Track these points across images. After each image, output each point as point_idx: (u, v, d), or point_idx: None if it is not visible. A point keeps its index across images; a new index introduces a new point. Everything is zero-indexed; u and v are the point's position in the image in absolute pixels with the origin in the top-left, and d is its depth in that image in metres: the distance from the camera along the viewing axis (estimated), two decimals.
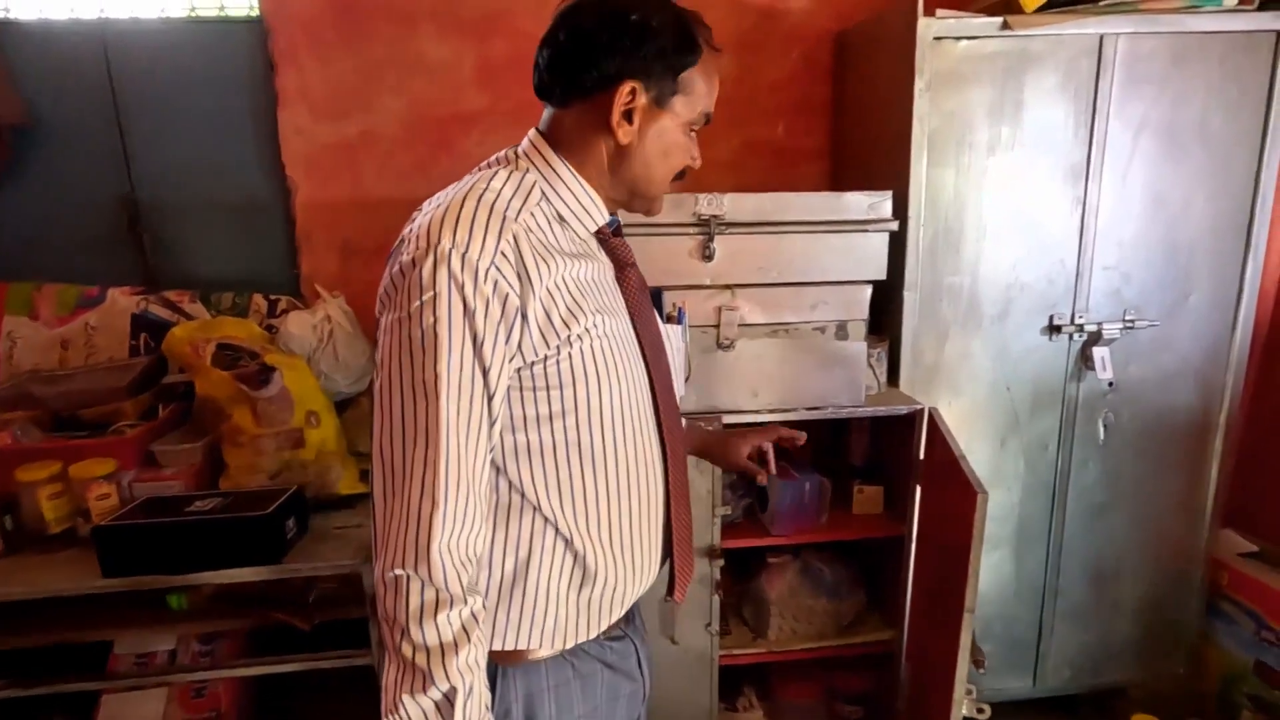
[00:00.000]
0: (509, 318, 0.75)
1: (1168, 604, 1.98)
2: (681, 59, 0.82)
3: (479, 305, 0.73)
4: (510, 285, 0.75)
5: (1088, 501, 1.89)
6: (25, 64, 1.81)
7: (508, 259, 0.75)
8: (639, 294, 0.91)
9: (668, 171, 0.87)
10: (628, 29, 0.80)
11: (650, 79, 0.81)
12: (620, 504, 0.87)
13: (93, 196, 1.90)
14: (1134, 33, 1.62)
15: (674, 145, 0.86)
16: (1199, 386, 1.84)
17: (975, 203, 1.69)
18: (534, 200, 0.82)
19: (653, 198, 0.89)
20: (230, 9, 1.89)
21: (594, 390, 0.82)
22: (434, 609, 0.73)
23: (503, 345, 0.76)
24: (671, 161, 0.87)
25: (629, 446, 0.86)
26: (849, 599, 1.83)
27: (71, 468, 1.45)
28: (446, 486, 0.73)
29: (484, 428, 0.76)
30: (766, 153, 2.06)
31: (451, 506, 0.73)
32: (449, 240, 0.74)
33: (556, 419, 0.81)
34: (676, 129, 0.85)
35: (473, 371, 0.74)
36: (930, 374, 1.77)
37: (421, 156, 1.94)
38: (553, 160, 0.85)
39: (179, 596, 1.55)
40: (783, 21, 1.98)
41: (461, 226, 0.75)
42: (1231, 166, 1.71)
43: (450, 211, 0.76)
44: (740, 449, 1.14)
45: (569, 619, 0.87)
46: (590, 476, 0.85)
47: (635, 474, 0.88)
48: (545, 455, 0.82)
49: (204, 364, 1.60)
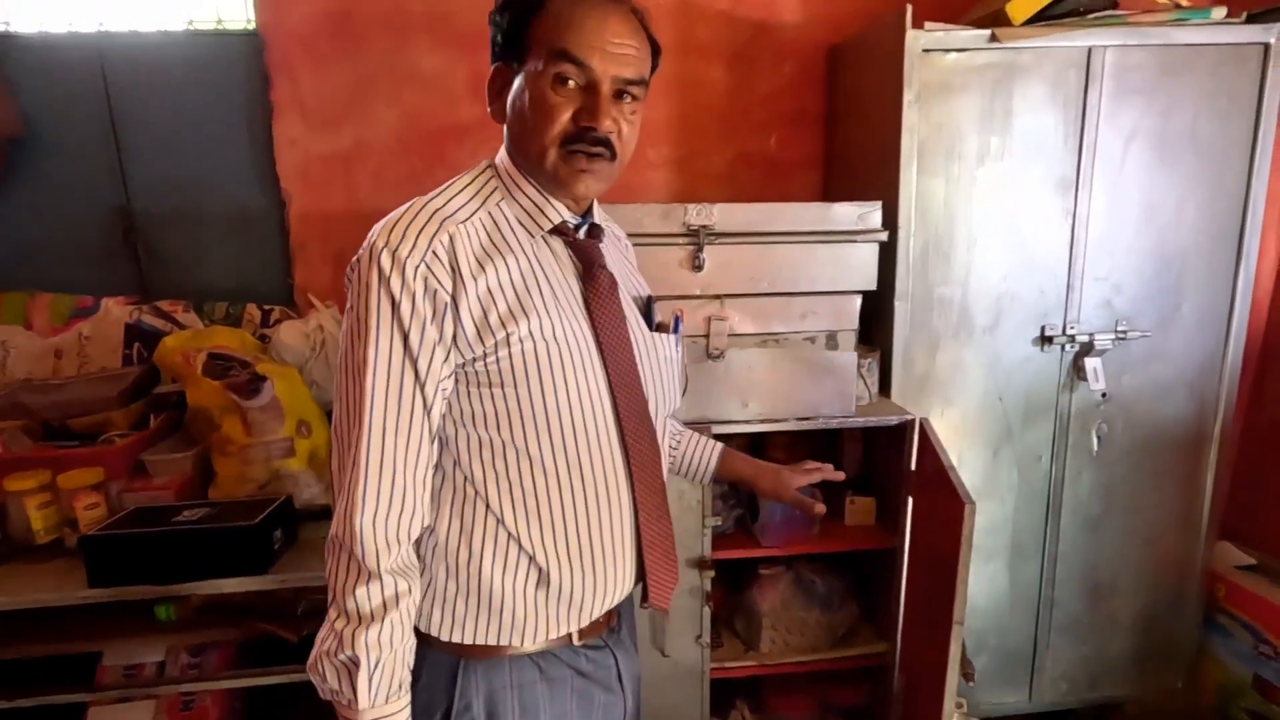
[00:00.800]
0: (439, 313, 0.79)
1: (1165, 617, 1.96)
2: (522, 14, 0.82)
3: (404, 300, 0.77)
4: (440, 282, 0.78)
5: (1082, 513, 1.88)
6: (23, 76, 1.83)
7: (438, 258, 0.79)
8: (606, 296, 0.89)
9: (541, 133, 0.81)
10: (491, 23, 0.86)
11: (507, 54, 0.84)
12: (574, 514, 0.87)
13: (88, 207, 1.91)
14: (1122, 45, 1.63)
15: (533, 102, 0.81)
16: (1193, 397, 1.84)
17: (965, 213, 1.70)
18: (492, 202, 0.86)
19: (548, 168, 0.83)
20: (227, 22, 1.91)
21: (534, 392, 0.82)
22: (355, 580, 0.79)
23: (434, 340, 0.79)
24: (536, 116, 0.81)
25: (580, 453, 0.86)
26: (842, 611, 1.82)
27: (60, 477, 1.44)
28: (368, 465, 0.78)
29: (415, 415, 0.79)
30: (760, 164, 2.06)
31: (375, 485, 0.78)
32: (383, 240, 0.78)
33: (502, 418, 0.83)
34: (535, 85, 0.81)
35: (402, 361, 0.78)
36: (922, 384, 1.77)
37: (415, 167, 1.95)
38: (506, 163, 0.89)
39: (167, 607, 1.54)
40: (775, 35, 1.99)
41: (398, 228, 0.79)
42: (1222, 177, 1.71)
43: (394, 215, 0.81)
44: (790, 483, 1.15)
45: (529, 618, 0.87)
46: (540, 481, 0.85)
47: (589, 481, 0.87)
48: (494, 454, 0.84)
49: (195, 373, 1.60)
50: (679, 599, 1.62)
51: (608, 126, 0.81)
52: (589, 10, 0.79)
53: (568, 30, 0.79)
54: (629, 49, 0.81)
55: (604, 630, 0.95)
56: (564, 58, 0.79)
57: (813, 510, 1.16)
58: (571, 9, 0.79)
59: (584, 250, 0.90)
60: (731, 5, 1.96)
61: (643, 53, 0.83)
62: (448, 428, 0.84)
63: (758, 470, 1.18)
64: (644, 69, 0.83)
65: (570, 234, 0.89)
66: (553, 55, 0.79)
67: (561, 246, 0.89)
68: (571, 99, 0.80)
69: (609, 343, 0.88)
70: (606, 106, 0.80)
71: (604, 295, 0.89)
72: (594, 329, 0.87)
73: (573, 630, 0.90)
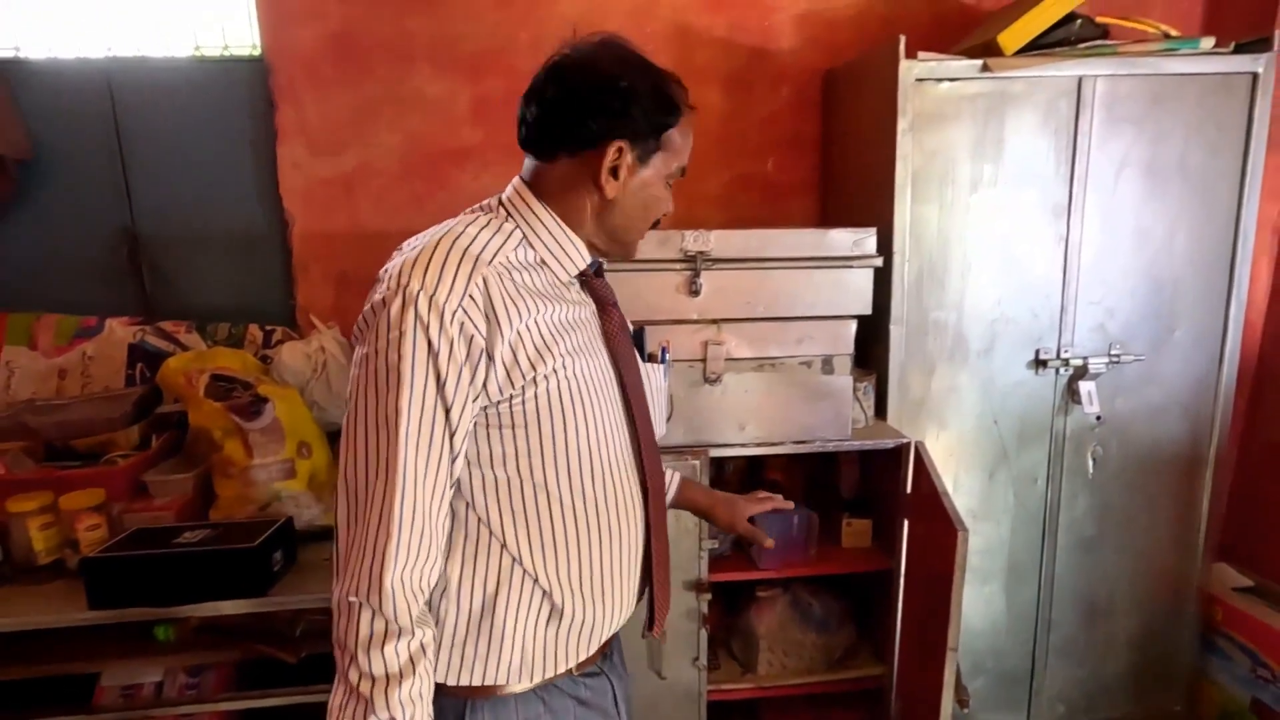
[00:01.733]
0: (474, 358, 0.78)
1: (1162, 639, 1.96)
2: (663, 119, 0.87)
3: (443, 346, 0.76)
4: (476, 327, 0.78)
5: (1078, 535, 1.89)
6: (33, 100, 1.86)
7: (475, 301, 0.78)
8: (620, 334, 0.93)
9: (647, 222, 0.93)
10: (616, 93, 0.84)
11: (635, 139, 0.86)
12: (590, 544, 0.88)
13: (94, 229, 1.94)
14: (1112, 75, 1.65)
15: (653, 198, 0.91)
16: (1187, 420, 1.85)
17: (959, 238, 1.72)
18: (512, 245, 0.85)
19: (631, 244, 0.94)
20: (234, 48, 1.94)
21: (558, 430, 0.83)
22: (382, 639, 0.76)
23: (467, 384, 0.78)
24: (650, 213, 0.92)
25: (601, 487, 0.87)
26: (839, 633, 1.82)
27: (62, 498, 1.46)
28: (401, 520, 0.76)
29: (443, 464, 0.79)
30: (757, 187, 2.09)
31: (406, 539, 0.76)
32: (418, 283, 0.77)
33: (522, 457, 0.83)
34: (657, 183, 0.90)
35: (434, 409, 0.77)
36: (917, 407, 1.78)
37: (417, 190, 1.98)
38: (535, 208, 0.88)
39: (166, 628, 1.55)
40: (772, 60, 2.02)
41: (432, 269, 0.78)
42: (1212, 203, 1.74)
43: (423, 255, 0.79)
44: (743, 513, 1.17)
45: (538, 654, 0.88)
46: (556, 515, 0.86)
47: (608, 515, 0.88)
48: (512, 492, 0.84)
49: (197, 395, 1.61)
50: (676, 621, 1.63)
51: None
52: (690, 125, 0.92)
53: (684, 146, 0.91)
54: None
55: (600, 658, 0.96)
56: (682, 172, 0.93)
57: (763, 543, 1.17)
58: (687, 126, 0.91)
59: (597, 289, 0.93)
60: (729, 31, 2.00)
61: None
62: (461, 470, 0.83)
63: (713, 501, 1.20)
64: None
65: (587, 274, 0.92)
66: (678, 170, 0.92)
67: (577, 287, 0.92)
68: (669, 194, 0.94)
69: (629, 378, 0.92)
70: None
71: (618, 332, 0.93)
72: (615, 365, 0.91)
73: (578, 660, 0.91)
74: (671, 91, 0.88)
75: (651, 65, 0.88)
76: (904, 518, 1.66)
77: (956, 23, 1.98)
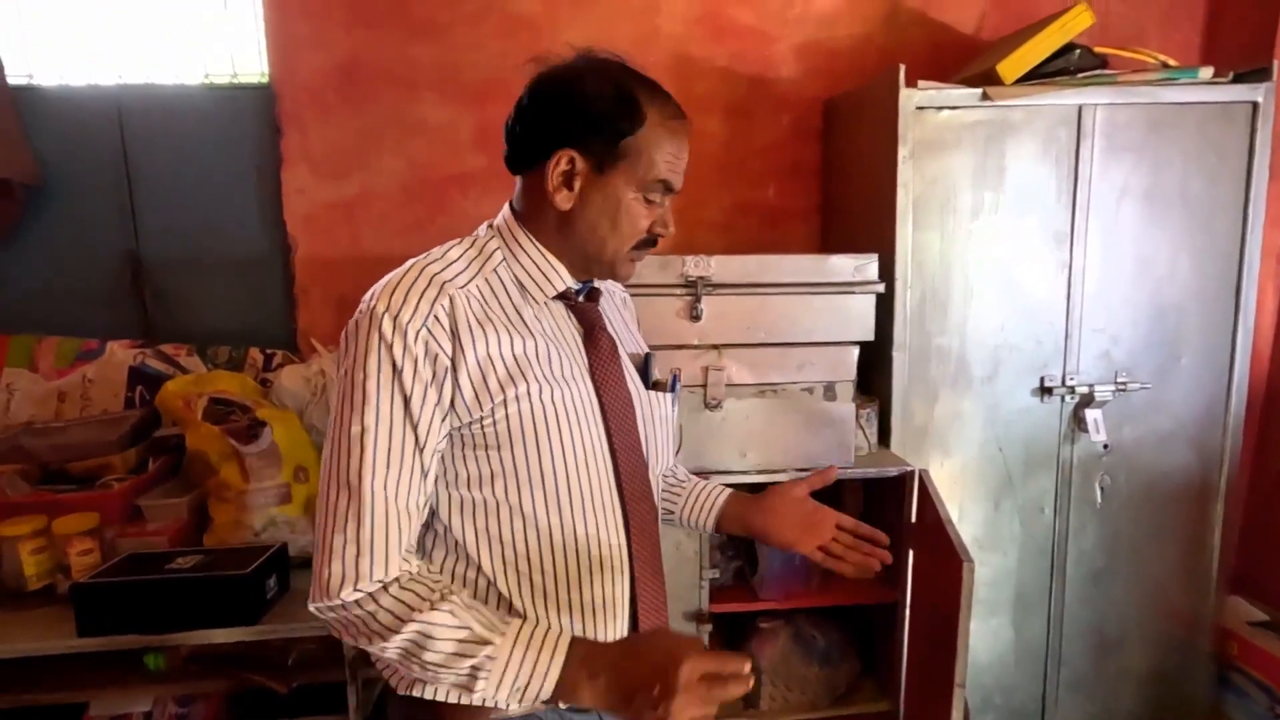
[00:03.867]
0: (439, 377, 0.79)
1: (1176, 674, 1.91)
2: (619, 126, 0.83)
3: (407, 364, 0.77)
4: (441, 347, 0.79)
5: (1087, 566, 1.85)
6: (43, 127, 1.88)
7: (440, 322, 0.79)
8: (608, 359, 0.91)
9: (620, 238, 0.87)
10: (560, 99, 0.85)
11: (586, 148, 0.83)
12: (569, 573, 0.86)
13: (99, 252, 1.95)
14: (1111, 103, 1.66)
15: (622, 212, 0.85)
16: (1196, 449, 1.82)
17: (961, 265, 1.71)
18: (490, 266, 0.86)
19: (609, 263, 0.89)
20: (242, 76, 1.97)
21: (530, 455, 0.82)
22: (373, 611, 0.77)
23: (434, 404, 0.79)
24: (622, 227, 0.86)
25: (579, 513, 0.86)
26: (843, 667, 1.78)
27: (55, 522, 1.44)
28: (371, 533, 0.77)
29: (414, 480, 0.79)
30: (757, 213, 2.10)
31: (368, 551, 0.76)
32: (384, 304, 0.78)
33: (497, 479, 0.83)
34: (625, 196, 0.85)
35: (403, 425, 0.78)
36: (921, 435, 1.76)
37: (419, 215, 1.99)
38: (514, 228, 0.89)
39: (156, 656, 1.52)
40: (772, 88, 2.04)
41: (398, 292, 0.79)
42: (1215, 231, 1.73)
43: (393, 279, 0.81)
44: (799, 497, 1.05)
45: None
46: (532, 541, 0.84)
47: (587, 544, 0.86)
48: (489, 516, 0.84)
49: (195, 418, 1.61)
50: None
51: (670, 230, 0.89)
52: (678, 139, 0.86)
53: (666, 159, 0.85)
54: (686, 162, 0.88)
55: None
56: (664, 188, 0.86)
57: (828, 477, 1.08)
58: (668, 136, 0.85)
59: (584, 313, 0.92)
60: (730, 61, 2.02)
61: None
62: (438, 491, 0.84)
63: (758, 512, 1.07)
64: None
65: (571, 298, 0.91)
66: (654, 183, 0.85)
67: (562, 310, 0.91)
68: (653, 212, 0.88)
69: (611, 405, 0.89)
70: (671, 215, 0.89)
71: (605, 358, 0.91)
72: (597, 391, 0.88)
73: None
74: (637, 98, 0.84)
75: (622, 74, 0.86)
76: (908, 548, 1.63)
77: (955, 53, 2.00)
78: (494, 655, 0.76)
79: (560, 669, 0.76)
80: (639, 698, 0.72)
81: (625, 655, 0.77)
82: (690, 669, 0.71)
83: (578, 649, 0.78)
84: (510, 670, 0.76)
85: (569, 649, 0.77)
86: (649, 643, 0.79)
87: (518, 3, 1.93)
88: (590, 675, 0.76)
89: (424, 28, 1.92)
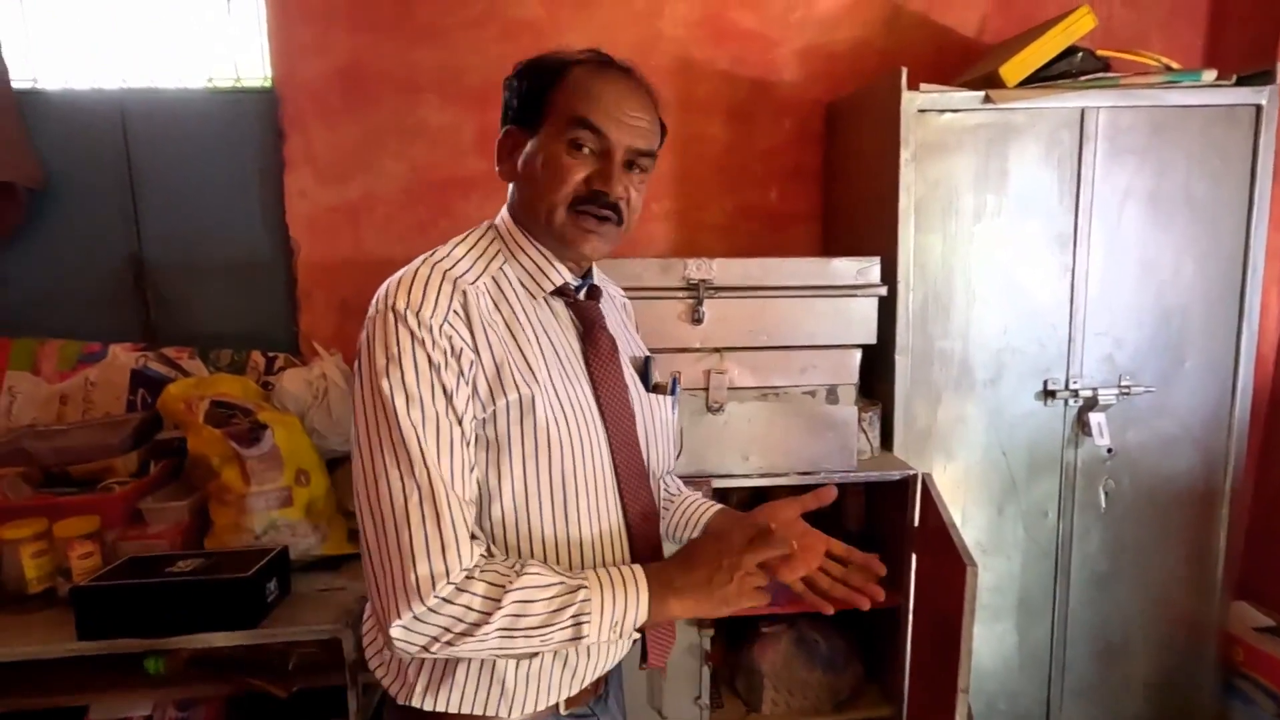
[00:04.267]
0: (467, 372, 0.79)
1: (1181, 681, 1.90)
2: (539, 86, 0.85)
3: (439, 359, 0.77)
4: (465, 341, 0.79)
5: (1091, 571, 1.84)
6: (47, 130, 1.89)
7: (459, 316, 0.80)
8: (607, 358, 0.90)
9: (552, 190, 0.84)
10: (505, 92, 0.89)
11: (520, 119, 0.87)
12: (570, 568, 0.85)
13: (101, 256, 1.95)
14: (1114, 106, 1.66)
15: (547, 163, 0.84)
16: (1201, 453, 1.81)
17: (964, 268, 1.71)
18: (496, 265, 0.87)
19: (557, 227, 0.85)
20: (245, 80, 1.98)
21: (529, 454, 0.82)
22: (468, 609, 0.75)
23: (467, 395, 0.79)
24: (552, 179, 0.84)
25: (580, 514, 0.85)
26: (846, 671, 1.77)
27: (56, 526, 1.44)
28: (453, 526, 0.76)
29: (466, 470, 0.79)
30: (759, 217, 2.09)
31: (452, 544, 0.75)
32: (403, 301, 0.78)
33: (505, 478, 0.82)
34: (551, 148, 0.84)
35: (449, 419, 0.77)
36: (924, 438, 1.76)
37: (421, 218, 1.99)
38: (511, 227, 0.90)
39: (156, 660, 1.52)
40: (774, 92, 2.04)
41: (415, 289, 0.79)
42: (1219, 233, 1.73)
43: (405, 277, 0.81)
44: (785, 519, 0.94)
45: (518, 686, 0.85)
46: (537, 541, 0.84)
47: (588, 543, 0.86)
48: (492, 513, 0.83)
49: (197, 421, 1.60)
50: (677, 657, 1.58)
51: (619, 192, 0.84)
52: (608, 84, 0.84)
53: (588, 99, 0.83)
54: (643, 122, 0.85)
55: (591, 698, 0.92)
56: (583, 125, 0.82)
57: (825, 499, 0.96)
58: (592, 81, 0.84)
59: (584, 311, 0.91)
60: (731, 65, 2.02)
61: (654, 128, 0.88)
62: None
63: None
64: (654, 142, 0.88)
65: (571, 295, 0.91)
66: (572, 122, 0.82)
67: (563, 308, 0.91)
68: (585, 163, 0.84)
69: (609, 404, 0.89)
70: (619, 173, 0.84)
71: (605, 357, 0.90)
72: (595, 390, 0.88)
73: (560, 699, 0.88)
74: (559, 58, 0.86)
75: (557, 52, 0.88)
76: (912, 552, 1.62)
77: (956, 57, 2.00)
78: (589, 598, 0.78)
79: (648, 592, 0.80)
80: (716, 578, 0.81)
81: (686, 560, 0.84)
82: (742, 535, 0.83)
83: (651, 571, 0.82)
84: (607, 608, 0.79)
85: (646, 574, 0.81)
86: (697, 544, 0.87)
87: (519, 7, 1.94)
88: (668, 587, 0.81)
89: (426, 32, 1.92)
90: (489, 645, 0.77)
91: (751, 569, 0.81)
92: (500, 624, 0.75)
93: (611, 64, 0.86)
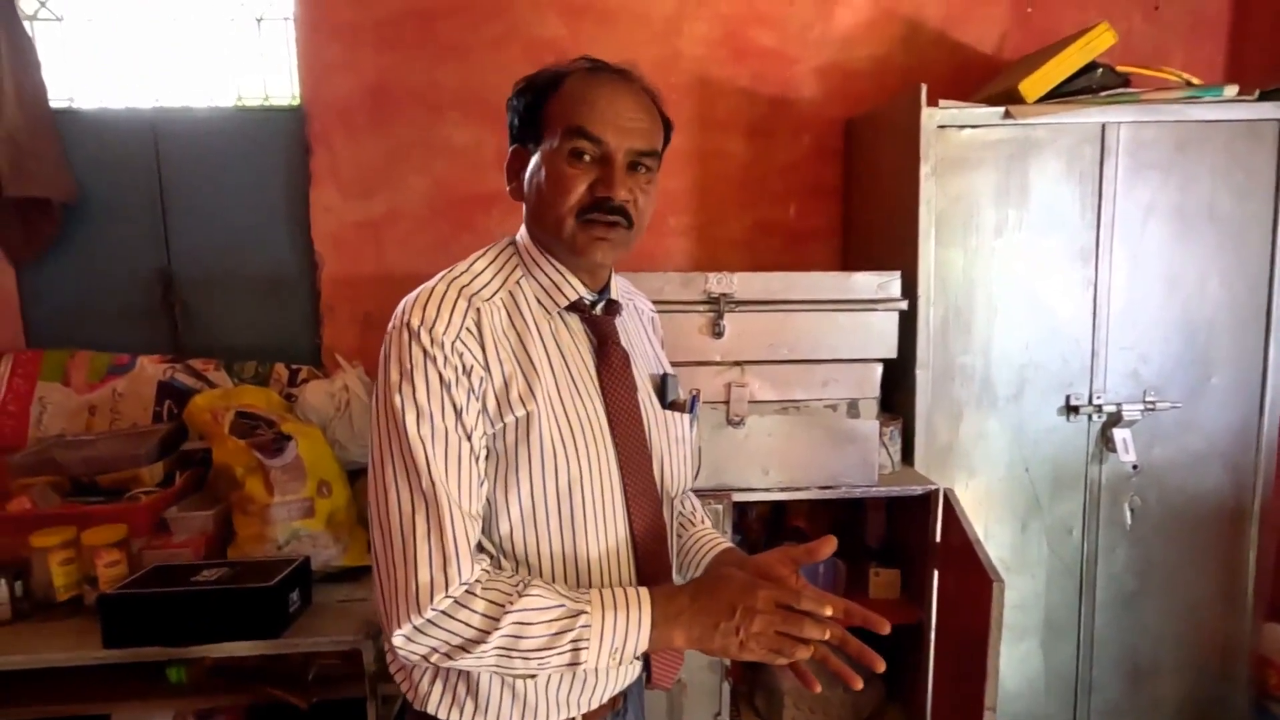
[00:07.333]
0: (477, 388, 0.80)
1: (1211, 704, 1.86)
2: (537, 100, 0.86)
3: (451, 376, 0.78)
4: (476, 358, 0.80)
5: (1117, 589, 1.81)
6: (81, 147, 1.94)
7: (472, 334, 0.81)
8: (619, 372, 0.90)
9: (557, 201, 0.84)
10: (509, 110, 0.90)
11: (524, 137, 0.88)
12: (578, 582, 0.85)
13: (131, 269, 1.99)
14: (1136, 121, 1.66)
15: (550, 176, 0.84)
16: (1228, 470, 1.78)
17: (985, 283, 1.70)
18: (513, 280, 0.88)
19: (565, 238, 0.85)
20: (274, 99, 2.02)
21: (535, 468, 0.82)
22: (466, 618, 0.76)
23: (477, 411, 0.80)
24: (556, 189, 0.84)
25: (587, 530, 0.85)
26: (867, 689, 1.73)
27: (84, 534, 1.46)
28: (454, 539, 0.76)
29: (474, 485, 0.79)
30: (778, 232, 2.10)
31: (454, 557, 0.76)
32: (418, 318, 0.79)
33: (513, 495, 0.82)
34: (553, 160, 0.84)
35: (458, 435, 0.78)
36: (945, 454, 1.74)
37: (443, 233, 2.02)
38: (529, 244, 0.91)
39: (178, 669, 1.53)
40: (793, 109, 2.06)
41: (430, 306, 0.80)
42: (1244, 248, 1.71)
43: (423, 294, 0.82)
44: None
45: (532, 700, 0.85)
46: (545, 554, 0.84)
47: (594, 559, 0.86)
48: (500, 527, 0.83)
49: (222, 432, 1.63)
50: (697, 673, 1.57)
51: (623, 196, 0.83)
52: (601, 89, 0.84)
53: (582, 107, 0.83)
54: (640, 123, 0.84)
55: (609, 713, 0.92)
56: (580, 134, 0.82)
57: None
58: (585, 88, 0.84)
59: (599, 326, 0.91)
60: (751, 82, 2.04)
61: (654, 127, 0.87)
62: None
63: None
64: (655, 141, 0.87)
65: (587, 310, 0.91)
66: (569, 132, 0.82)
67: (578, 323, 0.91)
68: (587, 172, 0.83)
69: (619, 419, 0.88)
70: (621, 177, 0.83)
71: (617, 372, 0.90)
72: (606, 405, 0.88)
73: (578, 714, 0.87)
74: (554, 70, 0.86)
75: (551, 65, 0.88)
76: (934, 568, 1.61)
77: (975, 73, 2.01)
78: (589, 624, 0.77)
79: (650, 621, 0.78)
80: (723, 625, 0.77)
81: (700, 593, 0.80)
82: (768, 594, 0.77)
83: (659, 599, 0.80)
84: (607, 634, 0.77)
85: (651, 601, 0.79)
86: (720, 579, 0.82)
87: (541, 27, 1.97)
88: (675, 618, 0.78)
89: (450, 51, 1.96)
90: (486, 663, 0.77)
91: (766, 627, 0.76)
92: (498, 644, 0.76)
93: (604, 68, 0.86)
